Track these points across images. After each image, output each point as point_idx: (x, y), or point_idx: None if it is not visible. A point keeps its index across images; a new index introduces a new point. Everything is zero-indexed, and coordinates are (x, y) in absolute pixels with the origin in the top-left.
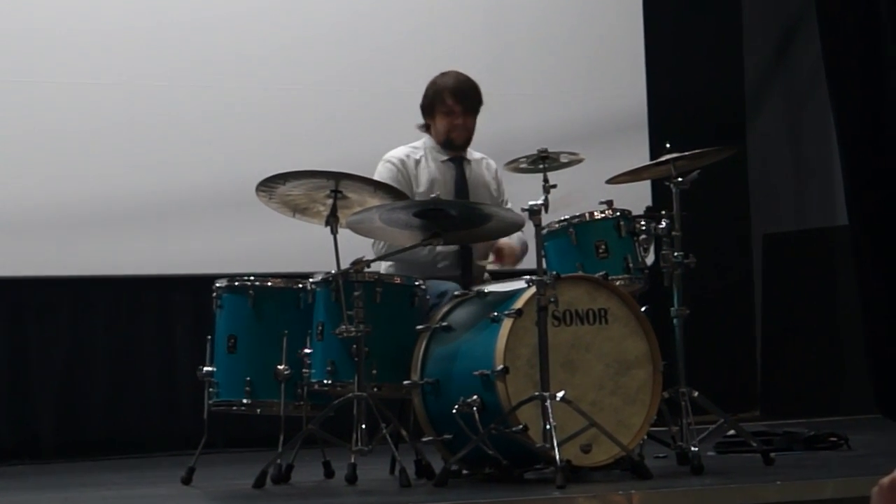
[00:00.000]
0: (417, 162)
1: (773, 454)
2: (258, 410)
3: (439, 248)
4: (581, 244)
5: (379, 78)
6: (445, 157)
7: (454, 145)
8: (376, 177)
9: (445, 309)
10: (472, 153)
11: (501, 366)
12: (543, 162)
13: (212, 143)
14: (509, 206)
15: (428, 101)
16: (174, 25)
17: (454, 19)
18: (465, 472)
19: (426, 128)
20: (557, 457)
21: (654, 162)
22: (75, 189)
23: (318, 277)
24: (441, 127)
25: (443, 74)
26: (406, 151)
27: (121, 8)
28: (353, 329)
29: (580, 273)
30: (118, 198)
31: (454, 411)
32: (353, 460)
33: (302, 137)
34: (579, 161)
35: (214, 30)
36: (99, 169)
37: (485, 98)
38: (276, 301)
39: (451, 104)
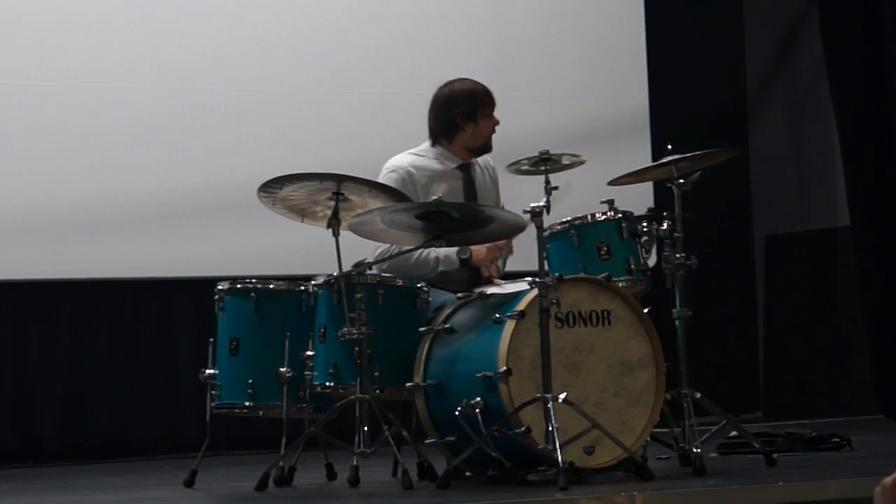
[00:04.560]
0: (425, 170)
1: (775, 455)
2: (260, 413)
3: (442, 269)
4: (583, 246)
5: (380, 80)
6: (454, 165)
7: (489, 148)
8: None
9: (448, 311)
10: None
11: (504, 368)
12: (545, 164)
13: (213, 145)
14: (502, 205)
15: (471, 105)
16: (177, 27)
17: (455, 21)
18: (467, 474)
19: (451, 135)
20: (560, 458)
21: (656, 163)
22: (77, 192)
23: (321, 280)
24: (486, 129)
25: (461, 80)
26: (411, 160)
27: (123, 10)
28: (355, 331)
29: (582, 275)
30: (120, 201)
31: (457, 413)
32: (355, 462)
33: (304, 140)
34: (581, 163)
35: (218, 31)
36: (101, 172)
37: None
38: (279, 303)
39: (492, 104)
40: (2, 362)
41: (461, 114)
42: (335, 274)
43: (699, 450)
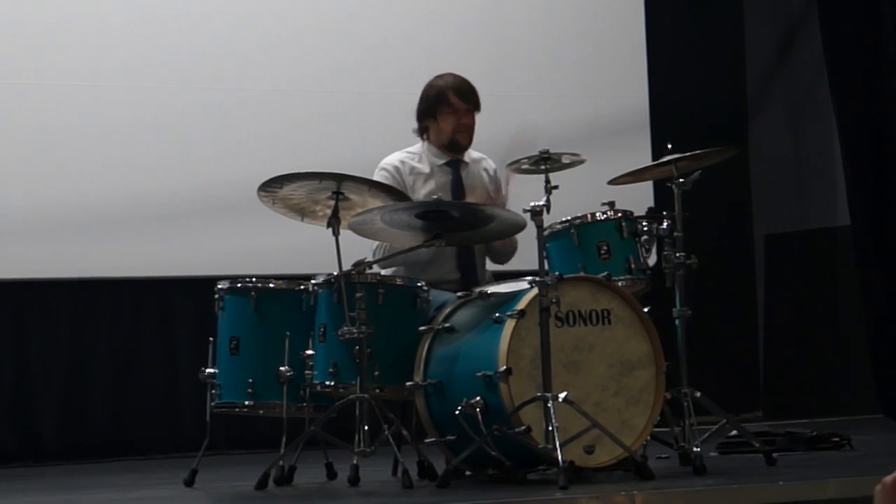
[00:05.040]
0: (413, 168)
1: (775, 454)
2: (260, 412)
3: (436, 258)
4: (583, 245)
5: (379, 80)
6: (442, 161)
7: (458, 146)
8: None
9: (448, 310)
10: (471, 153)
11: (504, 367)
12: (545, 163)
13: (213, 144)
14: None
15: (429, 103)
16: (176, 27)
17: (455, 21)
18: (467, 473)
19: (423, 132)
20: (560, 458)
21: (656, 163)
22: (77, 191)
23: (321, 279)
24: (446, 127)
25: (439, 76)
26: (401, 157)
27: (123, 9)
28: (355, 330)
29: (582, 274)
30: (120, 200)
31: (457, 412)
32: (355, 462)
33: (303, 139)
34: (581, 162)
35: (216, 31)
36: (101, 171)
37: (486, 99)
38: (279, 302)
39: (456, 102)
40: (2, 361)
41: (423, 110)
42: (335, 273)
43: (699, 449)
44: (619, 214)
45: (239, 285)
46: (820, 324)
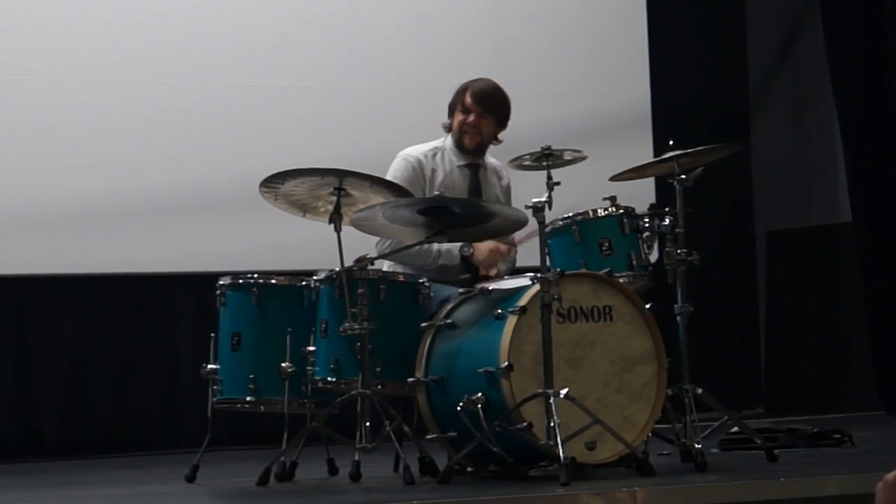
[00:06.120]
0: (435, 164)
1: (776, 451)
2: (262, 408)
3: (442, 262)
4: (584, 242)
5: (382, 75)
6: (462, 162)
7: (462, 146)
8: (391, 171)
9: (450, 306)
10: (490, 160)
11: (506, 363)
12: (547, 159)
13: (215, 140)
14: None
15: (452, 100)
16: (179, 21)
17: (458, 17)
18: (469, 469)
19: (449, 128)
20: (562, 454)
21: (658, 159)
22: (78, 187)
23: (322, 275)
24: (455, 125)
25: (475, 79)
26: (425, 151)
27: (124, 4)
28: (356, 326)
29: (584, 270)
30: (122, 196)
31: (458, 408)
32: (356, 458)
33: (305, 135)
34: (583, 158)
35: (217, 26)
36: (102, 167)
37: None
38: (280, 298)
39: (469, 103)
40: (3, 357)
41: (449, 106)
42: (337, 269)
43: (700, 445)
44: (621, 211)
45: (241, 281)
46: (821, 320)
